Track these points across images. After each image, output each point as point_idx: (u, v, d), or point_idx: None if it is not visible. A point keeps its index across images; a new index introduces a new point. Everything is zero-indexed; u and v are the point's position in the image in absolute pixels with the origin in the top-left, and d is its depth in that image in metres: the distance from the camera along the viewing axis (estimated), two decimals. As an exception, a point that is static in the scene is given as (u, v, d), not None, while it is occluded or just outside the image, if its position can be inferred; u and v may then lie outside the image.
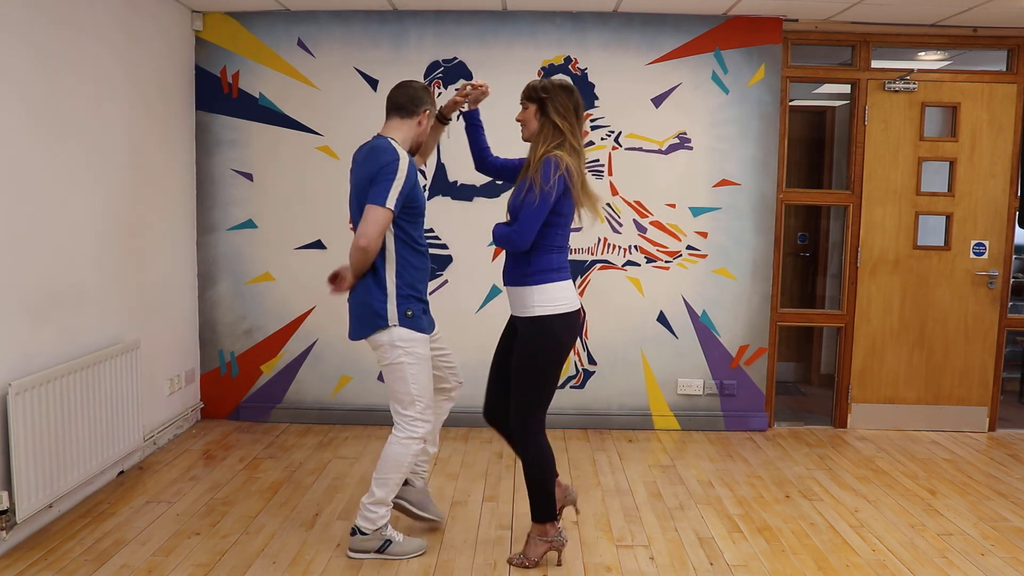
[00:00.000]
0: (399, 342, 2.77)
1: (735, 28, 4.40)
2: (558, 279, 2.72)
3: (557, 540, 2.84)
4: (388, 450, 2.83)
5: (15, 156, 2.92)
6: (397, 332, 2.77)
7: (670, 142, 4.49)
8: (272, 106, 4.46)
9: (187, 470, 3.79)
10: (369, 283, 2.79)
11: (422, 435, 2.83)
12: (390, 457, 2.82)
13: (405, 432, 2.82)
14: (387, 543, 2.87)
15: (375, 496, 2.84)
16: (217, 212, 4.52)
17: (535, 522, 2.83)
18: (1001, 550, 3.05)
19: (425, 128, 2.88)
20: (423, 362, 2.82)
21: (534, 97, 2.74)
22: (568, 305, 2.73)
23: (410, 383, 2.79)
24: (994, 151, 4.55)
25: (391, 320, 2.77)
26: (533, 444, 2.77)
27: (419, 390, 2.81)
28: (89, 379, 3.29)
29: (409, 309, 2.78)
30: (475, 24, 4.40)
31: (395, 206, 2.69)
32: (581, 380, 4.61)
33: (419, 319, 2.81)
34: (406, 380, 2.79)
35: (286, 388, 4.62)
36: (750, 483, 3.75)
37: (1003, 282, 4.62)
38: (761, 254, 4.55)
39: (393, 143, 2.77)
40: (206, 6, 4.31)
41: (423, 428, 2.83)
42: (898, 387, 4.69)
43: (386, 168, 2.69)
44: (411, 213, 2.81)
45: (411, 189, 2.75)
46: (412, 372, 2.79)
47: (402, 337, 2.77)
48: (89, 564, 2.80)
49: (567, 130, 2.70)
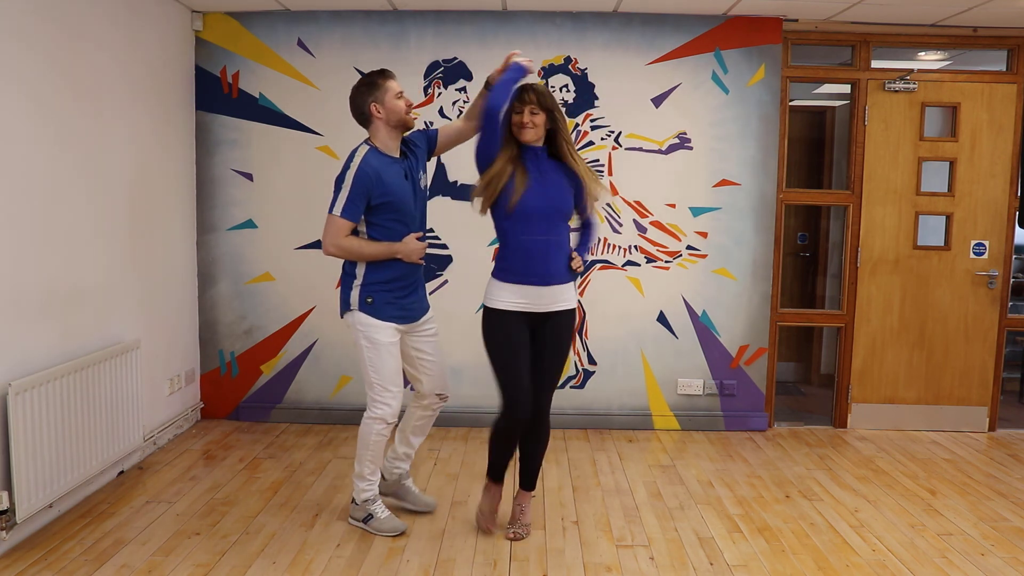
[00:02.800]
0: (359, 325, 2.99)
1: (735, 28, 4.40)
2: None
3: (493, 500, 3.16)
4: (360, 427, 3.07)
5: (15, 156, 2.91)
6: (357, 316, 2.99)
7: (670, 142, 4.49)
8: (272, 106, 4.46)
9: (187, 470, 3.79)
10: (345, 270, 3.05)
11: (380, 416, 3.00)
12: (360, 435, 3.06)
13: (368, 411, 3.04)
14: (369, 516, 3.09)
15: (355, 470, 3.11)
16: (217, 212, 4.52)
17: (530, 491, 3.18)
18: (1001, 550, 3.05)
19: (389, 114, 2.95)
20: (381, 347, 2.98)
21: (548, 107, 2.89)
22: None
23: (367, 365, 3.00)
24: (994, 151, 4.55)
25: (353, 304, 2.99)
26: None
27: (376, 373, 2.99)
28: (89, 379, 3.29)
29: (370, 297, 2.97)
30: (475, 24, 4.40)
31: (344, 212, 2.87)
32: (581, 380, 4.61)
33: (380, 308, 2.98)
34: (364, 362, 3.00)
35: (286, 388, 4.62)
36: (750, 483, 3.75)
37: (1003, 282, 4.62)
38: (761, 254, 4.55)
39: (360, 147, 2.96)
40: (206, 6, 4.31)
41: (381, 410, 3.00)
42: (898, 387, 4.69)
43: (338, 178, 2.92)
44: (383, 208, 2.94)
45: (371, 188, 2.89)
46: (369, 355, 2.99)
47: (360, 321, 2.98)
48: (89, 564, 2.80)
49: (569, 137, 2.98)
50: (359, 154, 2.92)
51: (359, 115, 3.00)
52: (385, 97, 2.94)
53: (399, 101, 2.95)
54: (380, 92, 2.95)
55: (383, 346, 2.99)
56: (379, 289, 2.97)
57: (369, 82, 2.97)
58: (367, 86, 2.97)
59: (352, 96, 3.00)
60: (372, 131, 3.00)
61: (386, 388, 3.00)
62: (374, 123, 2.98)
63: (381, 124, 2.97)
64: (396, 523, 3.10)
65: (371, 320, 2.97)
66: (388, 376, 3.00)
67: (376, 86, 2.96)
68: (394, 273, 2.99)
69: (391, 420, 3.03)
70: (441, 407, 3.26)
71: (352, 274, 3.00)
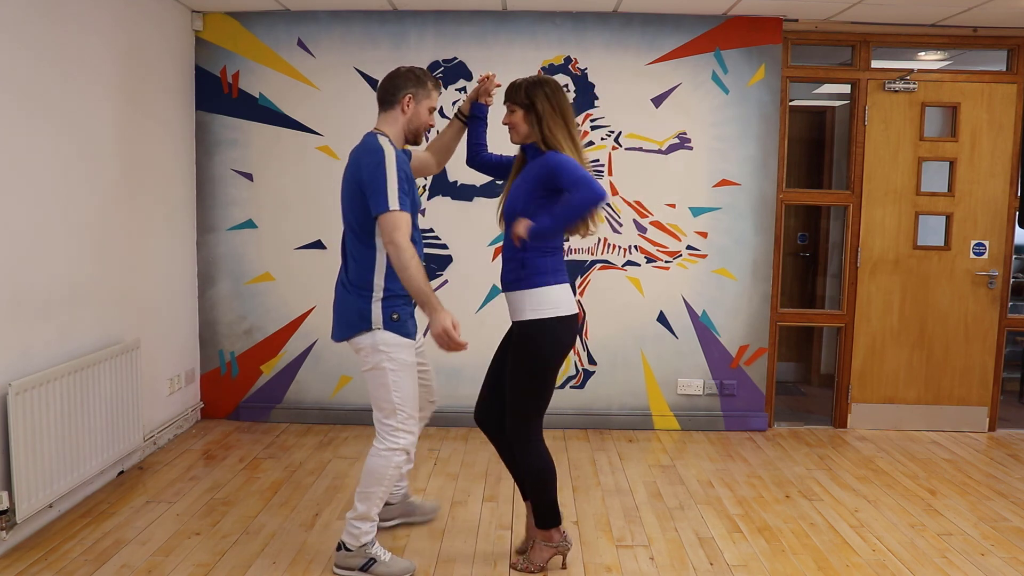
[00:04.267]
0: (382, 346, 2.61)
1: (735, 28, 4.40)
2: (553, 282, 2.63)
3: (563, 545, 2.80)
4: (369, 462, 2.69)
5: (14, 156, 2.91)
6: (380, 336, 2.61)
7: (670, 142, 4.49)
8: (272, 106, 4.46)
9: (187, 470, 3.79)
10: (353, 282, 2.65)
11: (403, 446, 2.68)
12: (372, 470, 2.68)
13: (385, 443, 2.67)
14: (371, 561, 2.72)
15: (358, 511, 2.71)
16: (217, 212, 4.52)
17: (539, 528, 2.78)
18: (1001, 550, 3.05)
19: (413, 117, 2.71)
20: (406, 368, 2.65)
21: (519, 101, 2.65)
22: (563, 309, 2.63)
23: (392, 390, 2.63)
24: (994, 151, 4.55)
25: (375, 323, 2.61)
26: (533, 453, 2.69)
27: (401, 398, 2.65)
28: (89, 379, 3.29)
29: (395, 312, 2.63)
30: (475, 24, 4.40)
31: (401, 205, 2.53)
32: (581, 380, 4.61)
33: (405, 323, 2.66)
34: (388, 387, 2.63)
35: (286, 388, 4.62)
36: (750, 483, 3.75)
37: (1003, 282, 4.62)
38: (761, 254, 4.55)
39: (379, 138, 2.62)
40: (206, 6, 4.31)
41: (405, 439, 2.68)
42: (898, 387, 4.69)
43: (372, 174, 2.55)
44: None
45: (406, 179, 2.61)
46: (394, 379, 2.63)
47: (385, 341, 2.61)
48: (89, 564, 2.80)
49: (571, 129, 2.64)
50: (385, 145, 2.59)
51: (386, 95, 2.70)
52: (423, 103, 2.71)
53: (429, 116, 2.75)
54: (422, 92, 2.71)
55: (409, 367, 2.67)
56: (401, 303, 2.65)
57: (418, 76, 2.71)
58: (415, 78, 2.70)
59: (393, 75, 2.71)
60: (387, 120, 2.71)
61: (410, 415, 2.68)
62: (393, 113, 2.70)
63: (399, 120, 2.70)
64: (405, 564, 2.78)
65: (398, 339, 2.63)
66: (413, 401, 2.69)
67: (422, 84, 2.71)
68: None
69: (412, 450, 2.74)
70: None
71: (367, 285, 2.63)
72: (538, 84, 2.66)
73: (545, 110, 2.61)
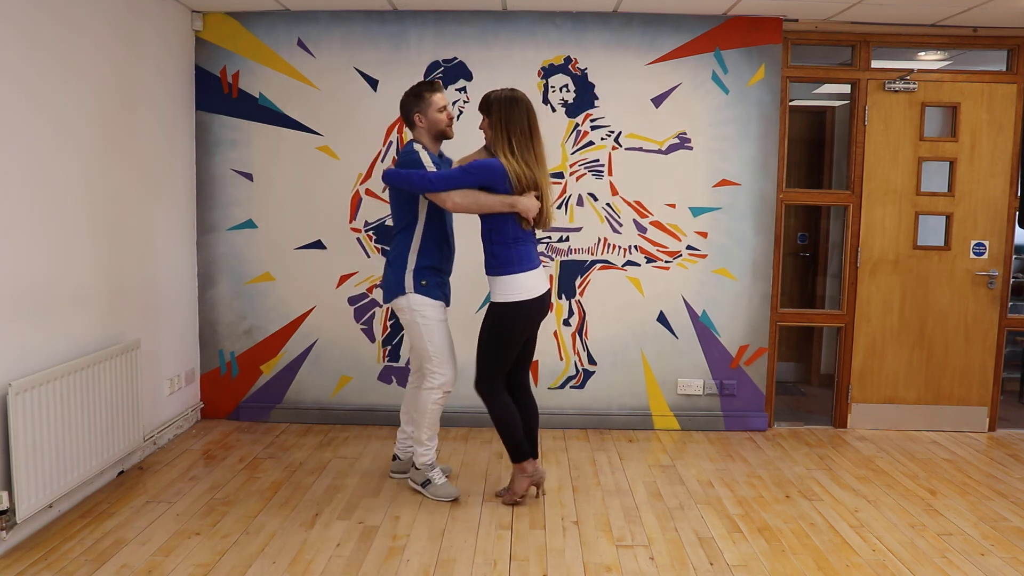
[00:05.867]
0: (415, 306, 3.31)
1: (735, 28, 4.40)
2: (519, 271, 3.15)
3: (536, 474, 3.37)
4: (419, 397, 3.43)
5: (14, 156, 2.91)
6: (413, 298, 3.31)
7: (670, 142, 4.49)
8: (272, 106, 4.46)
9: (187, 470, 3.79)
10: (391, 261, 3.36)
11: (439, 385, 3.36)
12: (419, 403, 3.42)
13: (427, 382, 3.38)
14: (427, 482, 3.44)
15: (414, 435, 3.49)
16: (217, 212, 4.52)
17: (514, 463, 3.34)
18: (1001, 550, 3.05)
19: (430, 125, 3.32)
20: (436, 323, 3.34)
21: (481, 110, 3.17)
22: (526, 294, 3.16)
23: (425, 340, 3.33)
24: (994, 151, 4.55)
25: (408, 288, 3.31)
26: (496, 404, 3.29)
27: (434, 347, 3.34)
28: (89, 379, 3.29)
29: (424, 279, 3.31)
30: (475, 24, 4.40)
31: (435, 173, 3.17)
32: (581, 380, 4.61)
33: (432, 289, 3.32)
34: (422, 337, 3.33)
35: (286, 388, 4.62)
36: (750, 483, 3.75)
37: (1003, 282, 4.62)
38: (761, 254, 4.55)
39: (414, 144, 3.29)
40: (206, 6, 4.31)
41: (439, 379, 3.36)
42: (898, 387, 4.69)
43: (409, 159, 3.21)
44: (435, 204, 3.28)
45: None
46: (427, 330, 3.33)
47: (416, 302, 3.31)
48: (89, 564, 2.80)
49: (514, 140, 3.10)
50: (420, 150, 3.25)
51: (405, 119, 3.38)
52: (428, 110, 3.30)
53: (440, 115, 3.31)
54: (424, 104, 3.30)
55: (438, 321, 3.35)
56: (430, 273, 3.32)
57: (416, 93, 3.32)
58: (414, 97, 3.32)
59: (401, 103, 3.37)
60: (417, 135, 3.36)
61: (444, 360, 3.35)
62: (417, 130, 3.35)
63: (422, 131, 3.34)
64: (451, 489, 3.43)
65: (427, 300, 3.32)
66: (444, 347, 3.36)
67: (421, 98, 3.31)
68: (437, 262, 3.36)
69: (448, 388, 3.39)
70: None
71: (403, 261, 3.31)
72: (494, 99, 3.14)
73: (494, 122, 3.13)
